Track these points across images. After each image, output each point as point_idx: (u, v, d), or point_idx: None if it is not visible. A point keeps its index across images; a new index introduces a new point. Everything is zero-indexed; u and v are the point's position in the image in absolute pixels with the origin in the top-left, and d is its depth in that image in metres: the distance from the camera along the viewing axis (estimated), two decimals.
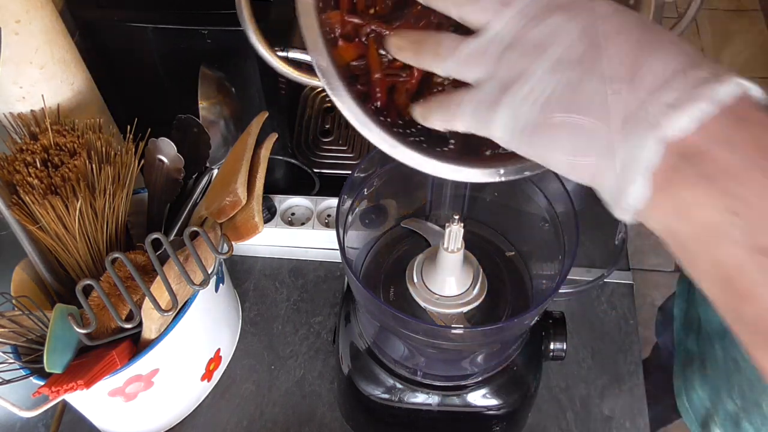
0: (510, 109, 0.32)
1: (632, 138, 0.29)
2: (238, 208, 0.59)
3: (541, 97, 0.31)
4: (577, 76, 0.30)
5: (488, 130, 0.34)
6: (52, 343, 0.52)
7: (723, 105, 0.27)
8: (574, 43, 0.31)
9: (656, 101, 0.28)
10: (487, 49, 0.33)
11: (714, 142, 0.27)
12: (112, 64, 0.75)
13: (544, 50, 0.31)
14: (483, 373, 0.58)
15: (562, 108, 0.30)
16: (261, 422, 0.69)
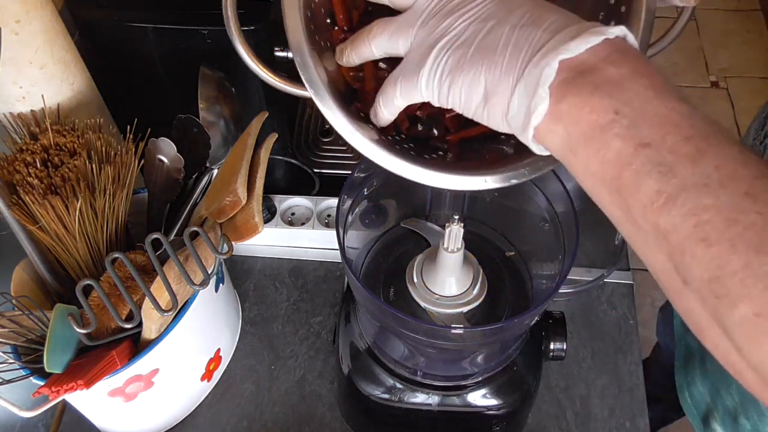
0: (434, 59, 0.37)
1: (535, 64, 0.33)
2: (238, 208, 0.59)
3: (459, 43, 0.36)
4: (491, 25, 0.36)
5: (417, 91, 0.38)
6: (52, 343, 0.52)
7: (608, 39, 0.33)
8: (487, 4, 0.36)
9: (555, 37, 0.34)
10: (412, 20, 0.38)
11: (602, 62, 0.33)
12: (112, 64, 0.75)
13: (461, 10, 0.37)
14: (483, 373, 0.58)
15: (477, 49, 0.36)
16: (261, 422, 0.69)
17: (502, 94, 0.35)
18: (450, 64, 0.36)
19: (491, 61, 0.35)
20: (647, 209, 0.30)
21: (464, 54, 0.36)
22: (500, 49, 0.35)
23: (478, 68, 0.36)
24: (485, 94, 0.36)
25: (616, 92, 0.32)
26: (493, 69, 0.35)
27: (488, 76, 0.35)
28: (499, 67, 0.35)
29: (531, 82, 0.34)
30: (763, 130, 0.72)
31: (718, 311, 0.28)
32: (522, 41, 0.34)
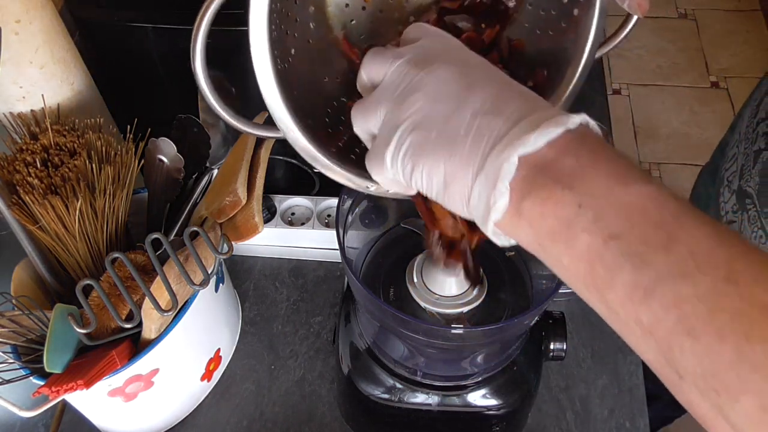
0: (397, 138, 0.37)
1: (495, 156, 0.33)
2: (238, 208, 0.59)
3: (423, 125, 0.36)
4: (452, 108, 0.35)
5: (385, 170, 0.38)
6: (52, 343, 0.52)
7: (568, 129, 0.32)
8: (450, 84, 0.36)
9: (515, 129, 0.33)
10: (380, 98, 0.38)
11: (561, 154, 0.32)
12: (112, 64, 0.75)
13: (424, 88, 0.36)
14: (483, 373, 0.58)
15: (440, 134, 0.35)
16: (261, 422, 0.69)
17: (462, 184, 0.35)
18: (412, 146, 0.36)
19: (452, 149, 0.34)
20: (626, 303, 0.29)
21: (426, 138, 0.35)
22: (461, 137, 0.34)
23: (438, 155, 0.35)
24: (445, 181, 0.35)
25: (577, 184, 0.31)
26: (453, 157, 0.34)
27: (448, 164, 0.35)
28: (460, 156, 0.34)
29: (491, 176, 0.33)
30: (755, 117, 0.72)
31: (719, 405, 0.26)
32: (483, 129, 0.34)
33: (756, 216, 0.67)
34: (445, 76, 0.36)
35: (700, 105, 2.16)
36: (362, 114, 0.40)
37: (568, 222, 0.31)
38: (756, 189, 0.68)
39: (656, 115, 2.14)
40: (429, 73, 0.37)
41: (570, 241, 0.31)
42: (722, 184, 0.77)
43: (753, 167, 0.69)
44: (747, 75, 2.22)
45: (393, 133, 0.37)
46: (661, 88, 2.21)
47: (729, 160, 0.77)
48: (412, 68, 0.37)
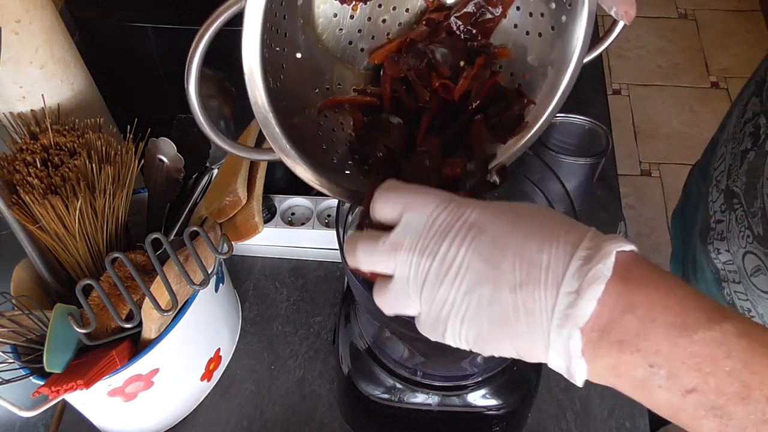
0: (450, 333, 0.37)
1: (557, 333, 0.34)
2: (238, 208, 0.59)
3: (470, 319, 0.36)
4: (488, 293, 0.35)
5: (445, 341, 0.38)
6: (52, 343, 0.52)
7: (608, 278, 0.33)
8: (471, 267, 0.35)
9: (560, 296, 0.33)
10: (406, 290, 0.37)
11: (615, 312, 0.32)
12: (112, 64, 0.75)
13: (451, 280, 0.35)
14: (483, 373, 0.58)
15: (493, 323, 0.35)
16: (261, 422, 0.69)
17: (537, 356, 0.36)
18: (471, 340, 0.36)
19: (512, 335, 0.35)
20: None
21: (481, 330, 0.36)
22: (514, 320, 0.35)
23: (501, 342, 0.36)
24: (519, 354, 0.36)
25: (641, 343, 0.32)
26: (518, 338, 0.35)
27: (515, 343, 0.35)
28: (523, 336, 0.35)
29: (561, 350, 0.34)
30: (743, 116, 0.72)
31: None
32: (531, 305, 0.34)
33: (743, 215, 0.67)
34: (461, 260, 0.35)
35: (700, 105, 2.16)
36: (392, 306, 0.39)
37: (643, 382, 0.32)
38: (743, 188, 0.67)
39: (656, 115, 2.14)
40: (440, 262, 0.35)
41: (648, 396, 0.33)
42: (711, 184, 0.77)
43: (740, 167, 0.69)
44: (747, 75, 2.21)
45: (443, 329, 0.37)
46: (661, 88, 2.21)
47: (718, 159, 0.77)
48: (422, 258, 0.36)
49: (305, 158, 0.44)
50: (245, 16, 0.38)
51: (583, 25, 0.44)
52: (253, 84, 0.40)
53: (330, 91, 0.48)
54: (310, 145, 0.45)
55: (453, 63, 0.47)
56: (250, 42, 0.39)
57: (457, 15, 0.47)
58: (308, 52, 0.46)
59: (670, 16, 2.41)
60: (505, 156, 0.51)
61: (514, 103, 0.48)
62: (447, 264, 0.35)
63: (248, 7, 0.37)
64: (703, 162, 0.89)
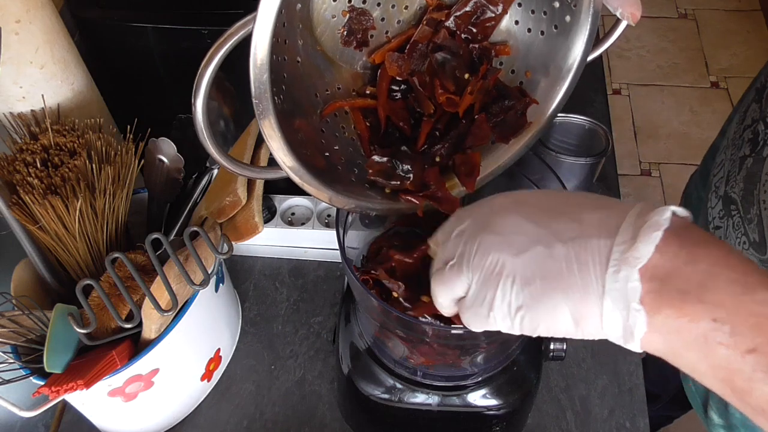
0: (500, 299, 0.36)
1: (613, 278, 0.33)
2: (238, 208, 0.59)
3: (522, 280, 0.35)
4: (539, 251, 0.34)
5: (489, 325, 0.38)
6: (52, 343, 0.52)
7: (666, 227, 0.32)
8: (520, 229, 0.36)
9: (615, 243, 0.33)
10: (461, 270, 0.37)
11: (677, 262, 0.32)
12: (112, 64, 0.75)
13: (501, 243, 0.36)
14: (483, 373, 0.58)
15: (544, 280, 0.34)
16: (261, 422, 0.69)
17: (592, 316, 0.34)
18: (524, 304, 0.35)
19: (565, 287, 0.34)
20: (765, 411, 0.31)
21: (533, 291, 0.35)
22: (566, 272, 0.34)
23: (554, 298, 0.35)
24: (573, 319, 0.35)
25: (705, 295, 0.31)
26: (571, 294, 0.34)
27: (569, 302, 0.34)
28: (576, 290, 0.34)
29: (618, 299, 0.33)
30: (742, 123, 0.72)
31: None
32: (584, 256, 0.33)
33: (740, 222, 0.67)
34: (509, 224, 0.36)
35: (700, 105, 2.16)
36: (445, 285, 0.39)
37: (705, 336, 0.31)
38: (740, 195, 0.67)
39: (656, 115, 2.14)
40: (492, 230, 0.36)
41: (707, 354, 0.32)
42: (710, 190, 0.77)
43: (738, 173, 0.69)
44: (747, 75, 2.22)
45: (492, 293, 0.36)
46: (661, 88, 2.21)
47: (717, 166, 0.77)
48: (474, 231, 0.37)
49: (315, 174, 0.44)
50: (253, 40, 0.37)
51: (587, 26, 0.44)
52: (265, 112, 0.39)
53: (330, 95, 0.48)
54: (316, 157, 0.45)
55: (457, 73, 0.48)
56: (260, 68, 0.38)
57: (458, 14, 0.47)
58: (307, 57, 0.46)
59: (670, 16, 2.41)
60: (507, 156, 0.51)
61: (516, 103, 0.48)
62: (497, 230, 0.36)
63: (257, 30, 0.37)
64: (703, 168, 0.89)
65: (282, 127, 0.41)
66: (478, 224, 0.37)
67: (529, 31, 0.48)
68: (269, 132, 0.41)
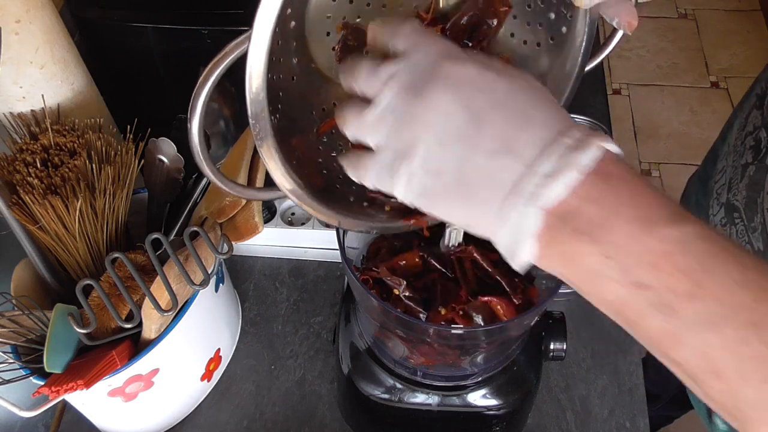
0: (406, 177, 0.35)
1: (516, 209, 0.33)
2: (238, 208, 0.59)
3: (433, 169, 0.34)
4: (462, 151, 0.34)
5: (391, 191, 0.37)
6: (52, 343, 0.52)
7: (587, 169, 0.32)
8: (453, 120, 0.34)
9: (532, 174, 0.32)
10: (380, 119, 0.36)
11: (583, 201, 0.32)
12: (112, 64, 0.75)
13: (430, 123, 0.34)
14: (483, 373, 0.58)
15: (454, 181, 0.34)
16: (261, 422, 0.69)
17: (485, 228, 0.35)
18: (426, 187, 0.35)
19: (470, 195, 0.34)
20: (655, 342, 0.31)
21: (440, 181, 0.34)
22: (477, 183, 0.34)
23: (456, 198, 0.35)
24: (467, 222, 0.36)
25: (601, 234, 0.31)
26: (472, 206, 0.34)
27: (468, 208, 0.35)
28: (477, 204, 0.34)
29: (514, 229, 0.33)
30: (744, 129, 0.72)
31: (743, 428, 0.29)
32: (498, 174, 0.33)
33: (744, 230, 0.67)
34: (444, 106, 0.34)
35: (700, 105, 2.16)
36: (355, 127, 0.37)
37: (596, 272, 0.32)
38: (743, 203, 0.67)
39: (656, 115, 2.14)
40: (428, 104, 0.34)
41: (598, 288, 0.32)
42: (712, 196, 0.77)
43: (740, 181, 0.68)
44: (747, 75, 2.22)
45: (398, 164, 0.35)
46: (661, 88, 2.21)
47: (719, 172, 0.77)
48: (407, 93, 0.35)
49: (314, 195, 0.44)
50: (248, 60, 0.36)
51: (584, 36, 0.44)
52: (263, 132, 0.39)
53: (327, 112, 0.48)
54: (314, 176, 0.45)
55: None
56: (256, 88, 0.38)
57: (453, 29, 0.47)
58: (302, 74, 0.46)
59: (670, 16, 2.41)
60: None
61: None
62: (433, 106, 0.34)
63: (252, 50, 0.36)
64: (702, 173, 0.89)
65: (280, 147, 0.41)
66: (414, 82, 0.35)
67: (525, 43, 0.47)
68: (267, 153, 0.40)
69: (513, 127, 0.33)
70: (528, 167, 0.32)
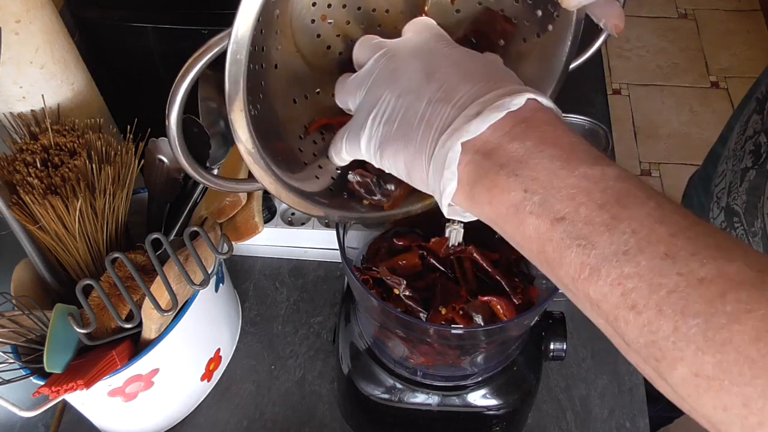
0: (369, 129, 0.39)
1: (441, 144, 0.35)
2: (238, 208, 0.59)
3: (387, 118, 0.38)
4: (411, 100, 0.37)
5: (359, 152, 0.41)
6: (52, 343, 0.52)
7: (511, 111, 0.34)
8: (415, 75, 0.38)
9: (459, 116, 0.35)
10: (360, 82, 0.41)
11: (506, 139, 0.33)
12: (112, 64, 0.75)
13: (394, 81, 0.39)
14: (483, 373, 0.58)
15: (399, 125, 0.37)
16: (261, 422, 0.69)
17: (419, 170, 0.37)
18: (381, 136, 0.39)
19: (408, 139, 0.37)
20: (575, 281, 0.31)
21: (390, 129, 0.38)
22: (415, 126, 0.36)
23: (398, 145, 0.38)
24: (406, 168, 0.38)
25: (521, 169, 0.32)
26: (409, 146, 0.37)
27: (405, 153, 0.37)
28: (413, 145, 0.37)
29: (438, 164, 0.35)
30: (744, 133, 0.72)
31: (659, 371, 0.29)
32: (433, 118, 0.36)
33: (744, 234, 0.67)
34: (412, 68, 0.38)
35: (700, 105, 2.16)
36: (342, 92, 0.43)
37: (516, 207, 0.32)
38: (743, 207, 0.67)
39: (656, 115, 2.14)
40: (399, 66, 0.39)
41: (519, 224, 0.32)
42: (712, 200, 0.77)
43: (740, 185, 0.69)
44: (747, 75, 2.22)
45: (365, 121, 0.39)
46: (661, 88, 2.21)
47: (719, 175, 0.77)
48: (387, 60, 0.40)
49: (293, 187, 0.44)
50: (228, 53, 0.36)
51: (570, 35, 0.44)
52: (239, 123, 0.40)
53: (309, 100, 0.48)
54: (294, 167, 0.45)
55: None
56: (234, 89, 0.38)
57: None
58: (285, 63, 0.46)
59: (670, 16, 2.40)
60: None
61: None
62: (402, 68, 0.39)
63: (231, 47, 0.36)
64: (703, 174, 0.89)
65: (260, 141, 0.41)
66: (396, 52, 0.40)
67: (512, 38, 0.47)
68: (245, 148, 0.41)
69: (457, 81, 0.36)
70: (459, 110, 0.35)
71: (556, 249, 0.31)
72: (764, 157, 0.65)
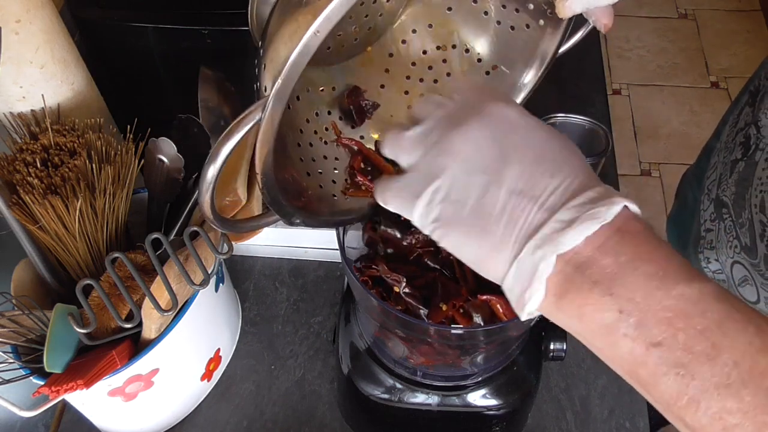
0: (427, 200, 0.36)
1: (530, 251, 0.33)
2: (238, 208, 0.59)
3: (454, 197, 0.35)
4: (484, 183, 0.34)
5: (409, 215, 0.38)
6: (52, 343, 0.52)
7: (606, 222, 0.32)
8: (483, 152, 0.35)
9: (552, 219, 0.32)
10: (418, 141, 0.38)
11: (599, 253, 0.32)
12: (112, 64, 0.75)
13: (461, 153, 0.35)
14: (483, 373, 0.58)
15: (472, 212, 0.35)
16: (261, 422, 0.69)
17: (495, 267, 0.35)
18: (444, 216, 0.35)
19: (485, 231, 0.34)
20: (670, 406, 0.30)
21: (458, 212, 0.35)
22: (495, 218, 0.34)
23: (470, 233, 0.35)
24: (477, 257, 0.35)
25: (616, 288, 0.31)
26: (486, 239, 0.34)
27: (482, 242, 0.34)
28: (492, 240, 0.34)
29: (526, 270, 0.33)
30: (736, 126, 0.72)
31: None
32: (517, 214, 0.33)
33: (732, 226, 0.67)
34: (479, 140, 0.35)
35: (700, 105, 2.16)
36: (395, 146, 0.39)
37: (609, 327, 0.31)
38: (732, 198, 0.67)
39: (656, 115, 2.14)
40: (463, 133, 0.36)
41: (611, 344, 0.31)
42: (703, 192, 0.77)
43: (730, 177, 0.69)
44: (747, 75, 2.20)
45: (423, 188, 0.36)
46: (661, 88, 2.21)
47: (711, 168, 0.77)
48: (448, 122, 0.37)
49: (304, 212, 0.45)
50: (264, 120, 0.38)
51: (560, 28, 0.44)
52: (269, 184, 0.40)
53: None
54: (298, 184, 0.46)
55: None
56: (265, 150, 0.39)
57: None
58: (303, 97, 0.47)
59: (670, 16, 2.40)
60: None
61: None
62: (467, 136, 0.35)
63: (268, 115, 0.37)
64: (697, 169, 0.89)
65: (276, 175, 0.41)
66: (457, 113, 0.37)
67: (498, 23, 0.48)
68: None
69: (540, 172, 0.34)
70: (548, 212, 0.33)
71: (651, 374, 0.30)
72: (753, 148, 0.65)
